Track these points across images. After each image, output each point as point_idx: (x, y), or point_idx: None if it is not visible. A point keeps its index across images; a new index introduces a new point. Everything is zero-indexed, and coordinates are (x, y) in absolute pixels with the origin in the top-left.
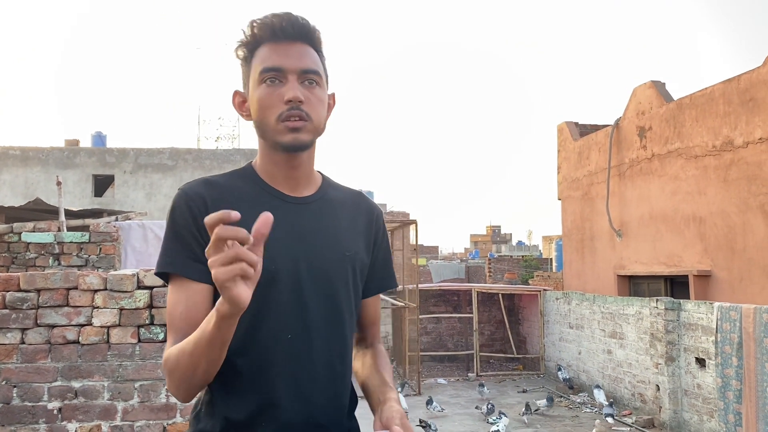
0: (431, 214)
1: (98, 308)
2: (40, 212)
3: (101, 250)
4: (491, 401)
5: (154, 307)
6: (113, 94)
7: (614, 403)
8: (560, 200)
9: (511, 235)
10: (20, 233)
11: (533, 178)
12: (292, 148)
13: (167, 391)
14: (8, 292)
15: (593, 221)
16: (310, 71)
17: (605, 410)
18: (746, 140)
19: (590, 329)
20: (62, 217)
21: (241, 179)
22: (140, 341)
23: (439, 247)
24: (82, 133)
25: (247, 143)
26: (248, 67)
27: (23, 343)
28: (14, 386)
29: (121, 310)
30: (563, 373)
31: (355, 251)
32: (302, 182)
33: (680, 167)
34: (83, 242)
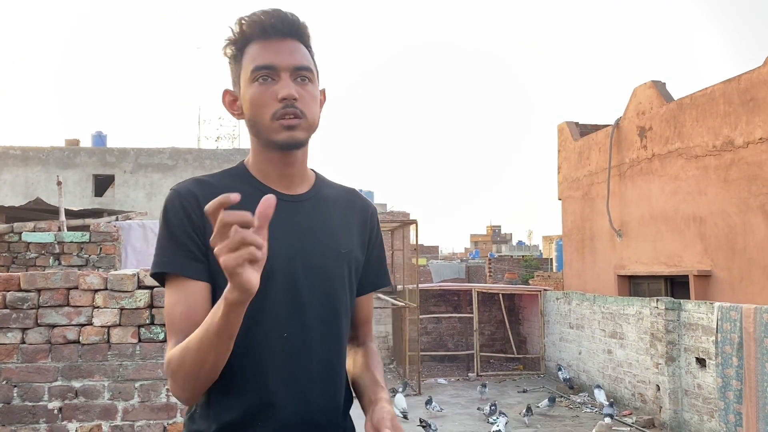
0: (431, 214)
1: (99, 308)
2: (40, 212)
3: (101, 249)
4: (495, 401)
5: (154, 306)
6: (113, 94)
7: (614, 403)
8: (560, 200)
9: (511, 235)
10: (20, 233)
11: (533, 178)
12: (287, 146)
13: (168, 390)
14: (9, 291)
15: (593, 221)
16: (302, 68)
17: (605, 410)
18: (746, 140)
19: (590, 329)
20: (62, 216)
21: (233, 178)
22: (141, 341)
23: (439, 247)
24: (82, 132)
25: (247, 143)
26: (238, 65)
27: (24, 342)
28: (15, 386)
29: (121, 309)
30: (563, 373)
31: (350, 249)
32: (296, 180)
33: (680, 167)
34: (83, 242)
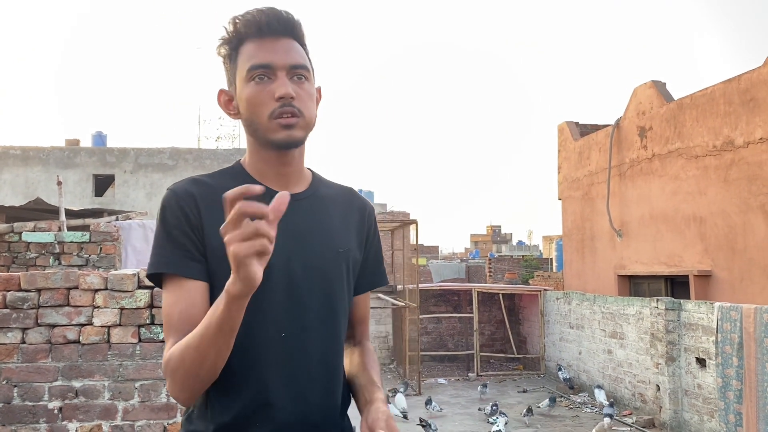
0: (431, 214)
1: (99, 308)
2: (40, 212)
3: (102, 249)
4: (495, 402)
5: (154, 306)
6: (113, 94)
7: (615, 403)
8: (560, 200)
9: (511, 235)
10: (21, 233)
11: (533, 178)
12: (285, 145)
13: (168, 390)
14: (9, 291)
15: (593, 221)
16: (299, 66)
17: (606, 410)
18: (747, 140)
19: (590, 329)
20: (63, 216)
21: (230, 178)
22: (141, 341)
23: (439, 246)
24: (82, 132)
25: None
26: (233, 64)
27: (24, 342)
28: (15, 386)
29: (121, 309)
30: (563, 373)
31: (348, 248)
32: (293, 179)
33: (681, 167)
34: (84, 242)
